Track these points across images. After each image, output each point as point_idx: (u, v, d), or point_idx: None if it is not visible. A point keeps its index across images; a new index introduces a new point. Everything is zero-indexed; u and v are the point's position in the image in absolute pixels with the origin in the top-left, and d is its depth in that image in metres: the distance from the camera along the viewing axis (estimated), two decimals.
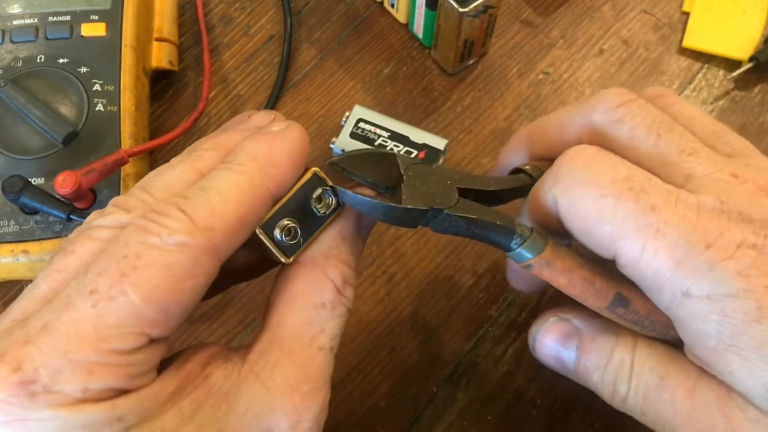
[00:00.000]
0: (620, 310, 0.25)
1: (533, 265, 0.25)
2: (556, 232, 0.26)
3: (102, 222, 0.22)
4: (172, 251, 0.21)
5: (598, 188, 0.24)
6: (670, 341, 0.26)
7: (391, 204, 0.25)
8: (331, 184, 0.26)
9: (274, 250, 0.24)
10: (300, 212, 0.25)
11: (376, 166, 0.26)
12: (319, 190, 0.25)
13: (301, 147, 0.25)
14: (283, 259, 0.25)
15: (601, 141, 0.27)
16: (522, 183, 0.29)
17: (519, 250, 0.25)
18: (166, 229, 0.21)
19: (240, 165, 0.23)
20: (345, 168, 0.26)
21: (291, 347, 0.24)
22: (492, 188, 0.28)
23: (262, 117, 0.27)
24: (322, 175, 0.26)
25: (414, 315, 0.39)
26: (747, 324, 0.22)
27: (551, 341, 0.28)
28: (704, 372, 0.24)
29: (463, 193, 0.26)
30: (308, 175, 0.25)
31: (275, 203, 0.24)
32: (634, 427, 0.37)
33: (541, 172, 0.28)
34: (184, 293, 0.21)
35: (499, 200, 0.28)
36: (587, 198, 0.24)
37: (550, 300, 0.39)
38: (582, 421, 0.37)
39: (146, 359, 0.21)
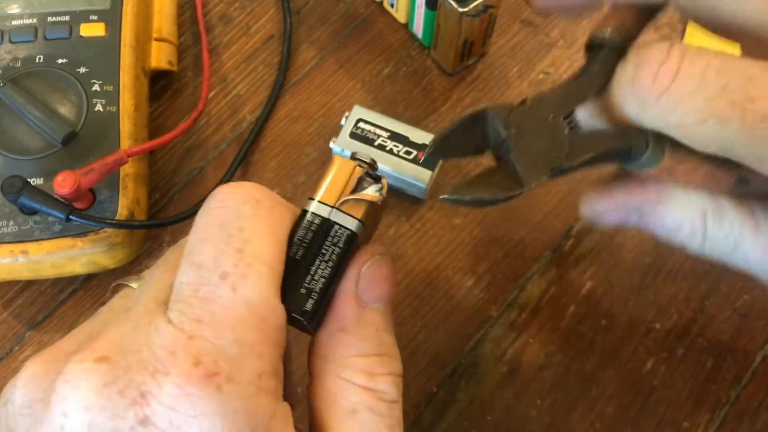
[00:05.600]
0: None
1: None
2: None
3: None
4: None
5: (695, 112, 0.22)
6: None
7: (508, 193, 0.25)
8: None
9: None
10: None
11: (469, 135, 0.26)
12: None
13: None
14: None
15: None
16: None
17: (646, 154, 0.26)
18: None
19: None
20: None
21: None
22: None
23: None
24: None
25: (414, 315, 0.39)
26: None
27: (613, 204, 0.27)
28: None
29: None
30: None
31: None
32: (636, 427, 0.37)
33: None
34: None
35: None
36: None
37: (551, 299, 0.39)
38: (582, 421, 0.37)
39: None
